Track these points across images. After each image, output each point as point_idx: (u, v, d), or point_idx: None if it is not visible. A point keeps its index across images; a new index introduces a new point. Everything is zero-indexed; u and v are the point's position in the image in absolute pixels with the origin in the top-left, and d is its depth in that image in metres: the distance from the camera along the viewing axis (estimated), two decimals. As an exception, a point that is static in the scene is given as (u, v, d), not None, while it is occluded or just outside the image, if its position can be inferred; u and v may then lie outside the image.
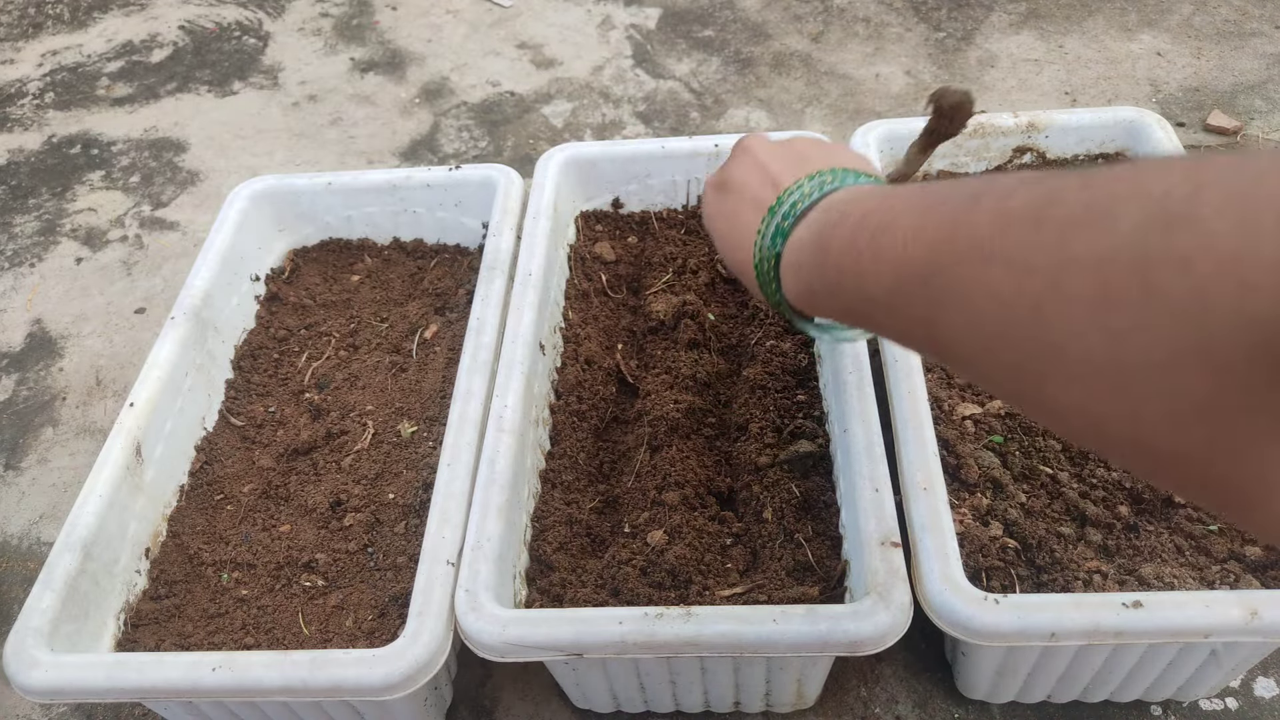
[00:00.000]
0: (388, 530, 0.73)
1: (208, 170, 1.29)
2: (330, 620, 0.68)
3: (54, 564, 0.65)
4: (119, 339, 1.07)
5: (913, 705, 0.71)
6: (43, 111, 1.41)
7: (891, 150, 0.88)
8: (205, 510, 0.77)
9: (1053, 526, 0.66)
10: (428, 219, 0.94)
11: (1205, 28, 1.32)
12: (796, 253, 0.45)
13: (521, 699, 0.74)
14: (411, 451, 0.78)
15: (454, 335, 0.86)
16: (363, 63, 1.45)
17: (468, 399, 0.71)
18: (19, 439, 0.98)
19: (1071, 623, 0.55)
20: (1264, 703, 0.70)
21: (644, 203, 0.94)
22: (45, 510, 0.92)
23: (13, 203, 1.26)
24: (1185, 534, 0.65)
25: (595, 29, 1.46)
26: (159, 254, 1.17)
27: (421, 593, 0.60)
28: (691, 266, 0.89)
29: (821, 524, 0.67)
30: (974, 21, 1.38)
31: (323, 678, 0.58)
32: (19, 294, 1.14)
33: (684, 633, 0.56)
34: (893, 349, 0.70)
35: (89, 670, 0.60)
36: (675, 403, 0.75)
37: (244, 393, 0.85)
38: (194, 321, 0.81)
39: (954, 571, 0.57)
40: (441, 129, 1.31)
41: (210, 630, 0.68)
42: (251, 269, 0.91)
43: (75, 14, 1.60)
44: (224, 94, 1.42)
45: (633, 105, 1.31)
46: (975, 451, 0.69)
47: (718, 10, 1.46)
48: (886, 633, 0.55)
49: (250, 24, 1.55)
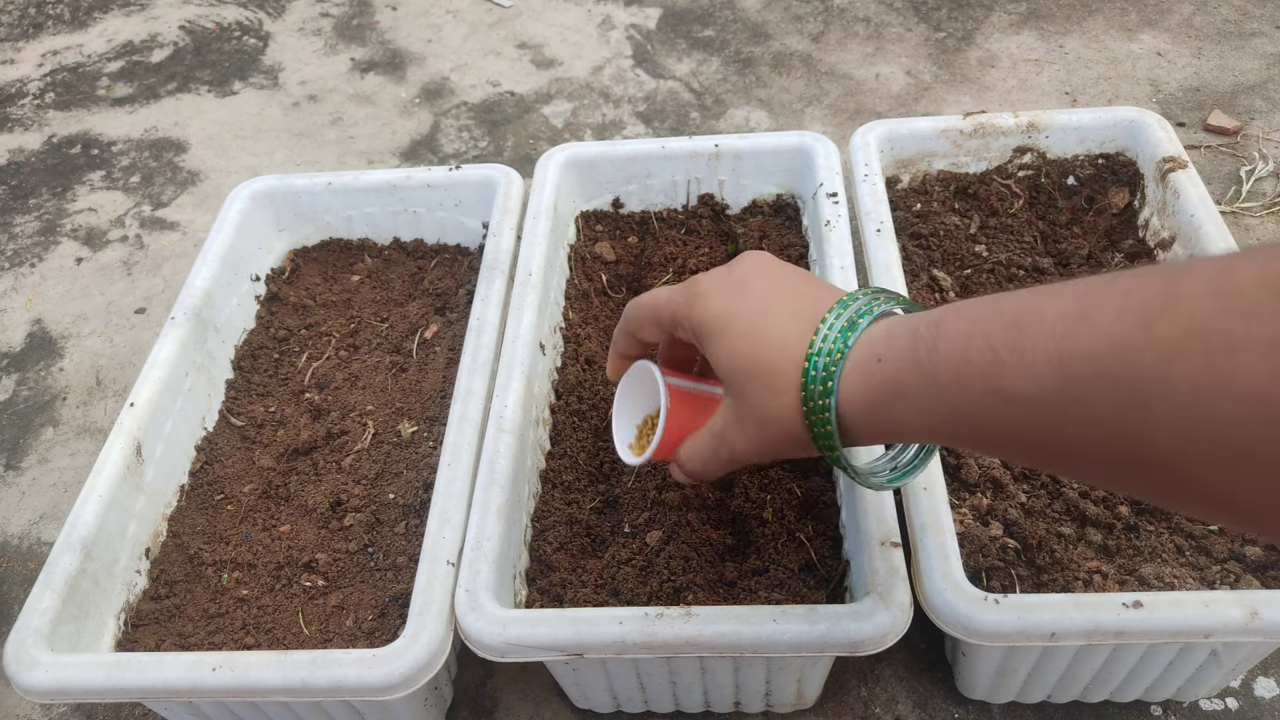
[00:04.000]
0: (388, 530, 0.73)
1: (208, 170, 1.29)
2: (330, 620, 0.68)
3: (54, 564, 0.65)
4: (119, 339, 1.07)
5: (913, 705, 0.71)
6: (43, 111, 1.42)
7: (892, 150, 0.88)
8: (205, 510, 0.77)
9: (1053, 526, 0.66)
10: (428, 219, 0.94)
11: (1206, 28, 1.32)
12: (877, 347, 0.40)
13: (522, 699, 0.74)
14: (412, 451, 0.78)
15: (454, 335, 0.86)
16: (363, 63, 1.45)
17: (468, 399, 0.71)
18: (19, 439, 0.98)
19: (1071, 623, 0.55)
20: (1264, 703, 0.70)
21: (644, 203, 0.94)
22: (45, 510, 0.92)
23: (13, 203, 1.26)
24: (1185, 534, 0.65)
25: (595, 29, 1.46)
26: (159, 254, 1.17)
27: (422, 593, 0.60)
28: (691, 267, 0.89)
29: (822, 524, 0.67)
30: (974, 21, 1.38)
31: (323, 678, 0.58)
32: (19, 294, 1.14)
33: (684, 633, 0.56)
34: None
35: (89, 670, 0.60)
36: (675, 403, 0.75)
37: (244, 393, 0.85)
38: (194, 321, 0.81)
39: (954, 571, 0.57)
40: (442, 129, 1.31)
41: (210, 630, 0.68)
42: (252, 269, 0.91)
43: (75, 14, 1.60)
44: (224, 94, 1.42)
45: (633, 105, 1.31)
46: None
47: (718, 10, 1.46)
48: (886, 633, 0.55)
49: (250, 24, 1.55)
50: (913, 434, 0.41)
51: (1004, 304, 0.35)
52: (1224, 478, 0.27)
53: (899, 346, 0.39)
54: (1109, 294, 0.30)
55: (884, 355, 0.40)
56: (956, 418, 0.36)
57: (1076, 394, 0.31)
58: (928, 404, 0.38)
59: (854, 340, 0.42)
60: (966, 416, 0.36)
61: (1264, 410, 0.25)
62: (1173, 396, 0.27)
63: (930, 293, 0.80)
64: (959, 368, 0.35)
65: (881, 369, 0.40)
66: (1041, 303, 0.33)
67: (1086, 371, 0.30)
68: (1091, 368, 0.30)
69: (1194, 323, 0.27)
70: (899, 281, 0.74)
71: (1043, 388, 0.32)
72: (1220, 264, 0.28)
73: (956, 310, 0.37)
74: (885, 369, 0.40)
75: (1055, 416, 0.32)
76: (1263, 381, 0.25)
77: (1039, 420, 0.33)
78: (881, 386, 0.40)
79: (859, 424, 0.42)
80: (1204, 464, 0.28)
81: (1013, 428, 0.34)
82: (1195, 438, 0.27)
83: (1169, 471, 0.29)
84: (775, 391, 0.44)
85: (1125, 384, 0.29)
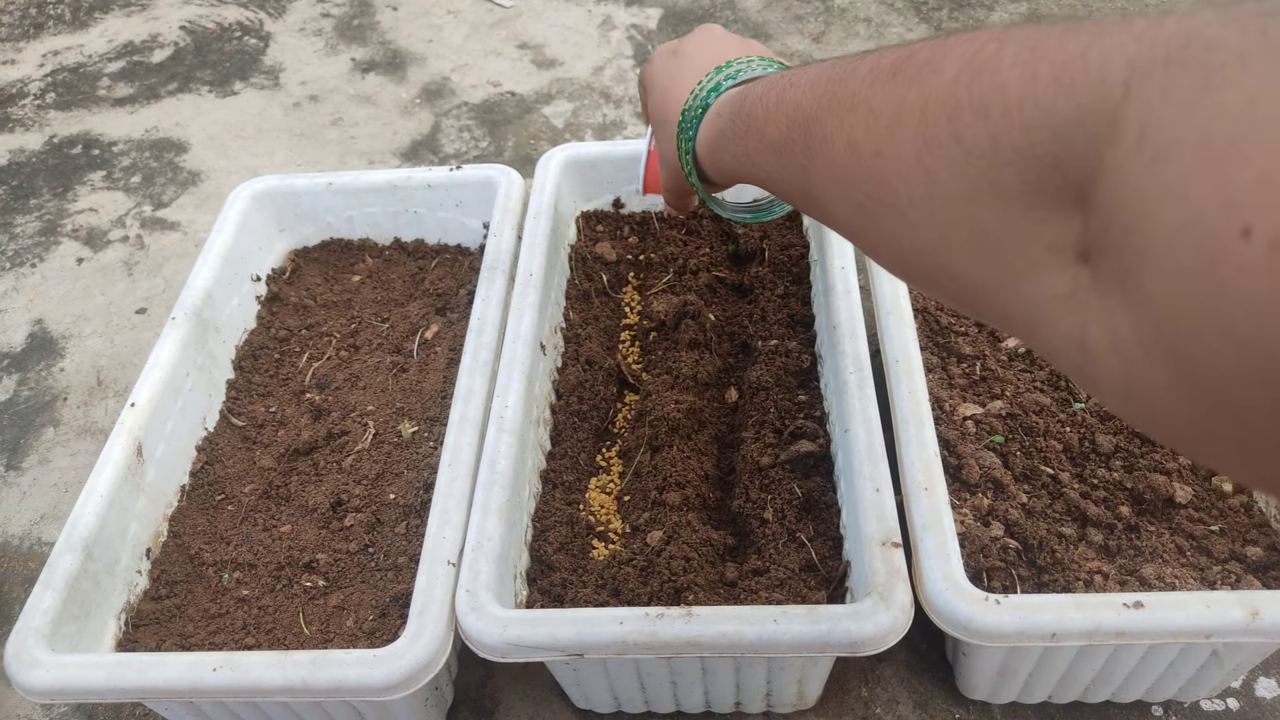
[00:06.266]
0: (388, 530, 0.73)
1: (209, 170, 1.29)
2: (331, 620, 0.68)
3: (55, 564, 0.65)
4: (120, 339, 1.07)
5: (913, 706, 0.71)
6: (44, 112, 1.42)
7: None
8: (206, 510, 0.77)
9: (1054, 527, 0.66)
10: (429, 219, 0.94)
11: (1206, 28, 1.32)
12: (721, 104, 0.49)
13: (522, 699, 0.74)
14: (412, 452, 0.78)
15: (455, 335, 0.86)
16: (363, 63, 1.45)
17: (468, 399, 0.71)
18: (20, 439, 0.98)
19: (1072, 623, 0.55)
20: (1265, 703, 0.70)
21: (644, 203, 0.94)
22: (46, 510, 0.92)
23: (14, 203, 1.26)
24: (1186, 534, 0.65)
25: (596, 29, 1.46)
26: (160, 254, 1.17)
27: (422, 593, 0.60)
28: (692, 267, 0.89)
29: (822, 524, 0.67)
30: (975, 22, 1.38)
31: (323, 678, 0.58)
32: (20, 294, 1.14)
33: (685, 633, 0.56)
34: (893, 349, 0.70)
35: (90, 670, 0.60)
36: (676, 403, 0.75)
37: (245, 393, 0.85)
38: (195, 322, 0.81)
39: (955, 572, 0.57)
40: (442, 129, 1.31)
41: (211, 630, 0.68)
42: (252, 269, 0.91)
43: (76, 14, 1.60)
44: (225, 94, 1.42)
45: (633, 105, 1.31)
46: (976, 452, 0.68)
47: (718, 10, 1.46)
48: (887, 633, 0.55)
49: (251, 24, 1.55)
50: (734, 172, 0.49)
51: (793, 72, 0.41)
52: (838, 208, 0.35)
53: (731, 102, 0.47)
54: (837, 66, 0.36)
55: (721, 111, 0.48)
56: (747, 160, 0.44)
57: (791, 140, 0.38)
58: (734, 149, 0.46)
59: (714, 99, 0.50)
60: (751, 158, 0.44)
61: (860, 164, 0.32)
62: (825, 142, 0.34)
63: (931, 293, 0.80)
64: (749, 121, 0.43)
65: (717, 121, 0.48)
66: (806, 72, 0.39)
67: (798, 123, 0.37)
68: (800, 121, 0.37)
69: (850, 88, 0.33)
70: (899, 281, 0.74)
71: (780, 135, 0.39)
72: (892, 48, 0.33)
73: (781, 75, 0.43)
74: (719, 122, 0.48)
75: (783, 156, 0.39)
76: (858, 134, 0.32)
77: (775, 159, 0.40)
78: (715, 135, 0.49)
79: (708, 166, 0.51)
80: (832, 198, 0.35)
81: (764, 165, 0.42)
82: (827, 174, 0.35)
83: (818, 202, 0.37)
84: (668, 138, 0.54)
85: (810, 132, 0.36)
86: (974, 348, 0.76)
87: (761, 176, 0.44)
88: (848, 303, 0.72)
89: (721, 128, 0.48)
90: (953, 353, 0.76)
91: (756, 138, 0.42)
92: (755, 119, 0.42)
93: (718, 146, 0.48)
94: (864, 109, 0.32)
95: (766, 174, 0.43)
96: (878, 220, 0.32)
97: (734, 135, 0.45)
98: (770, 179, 0.43)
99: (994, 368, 0.74)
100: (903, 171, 0.29)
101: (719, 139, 0.48)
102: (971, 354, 0.76)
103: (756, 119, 0.42)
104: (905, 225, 0.30)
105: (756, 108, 0.42)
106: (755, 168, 0.44)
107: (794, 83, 0.39)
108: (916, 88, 0.29)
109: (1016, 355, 0.76)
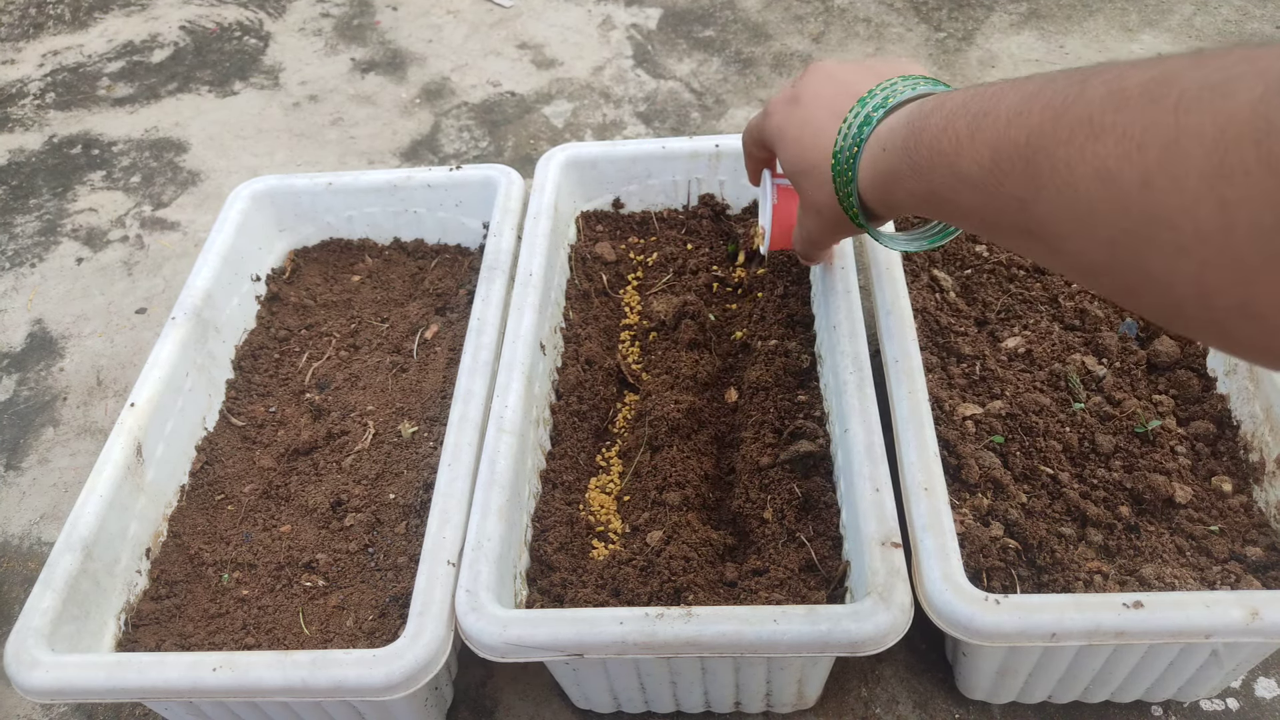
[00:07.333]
0: (388, 530, 0.73)
1: (208, 170, 1.29)
2: (331, 620, 0.68)
3: (55, 564, 0.65)
4: (120, 339, 1.07)
5: (913, 706, 0.71)
6: (43, 112, 1.42)
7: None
8: (206, 510, 0.77)
9: (1053, 527, 0.66)
10: (428, 219, 0.94)
11: (1206, 28, 1.32)
12: (883, 139, 0.47)
13: (522, 699, 0.74)
14: (412, 452, 0.78)
15: (455, 335, 0.86)
16: (363, 63, 1.45)
17: (468, 399, 0.71)
18: (20, 439, 0.98)
19: (1072, 623, 0.55)
20: (1265, 703, 0.70)
21: (644, 203, 0.94)
22: (46, 510, 0.92)
23: (13, 203, 1.26)
24: (1186, 534, 0.65)
25: (596, 29, 1.46)
26: (160, 254, 1.17)
27: (422, 593, 0.60)
28: (692, 267, 0.89)
29: (822, 524, 0.67)
30: (975, 21, 1.38)
31: (323, 678, 0.58)
32: (20, 294, 1.14)
33: (684, 633, 0.56)
34: (893, 349, 0.70)
35: (90, 670, 0.60)
36: (675, 403, 0.75)
37: (245, 393, 0.85)
38: (195, 321, 0.81)
39: (955, 572, 0.57)
40: (442, 129, 1.31)
41: (211, 630, 0.68)
42: (252, 269, 0.91)
43: (76, 14, 1.60)
44: (225, 94, 1.42)
45: (633, 105, 1.31)
46: (976, 452, 0.68)
47: (718, 10, 1.46)
48: (887, 633, 0.55)
49: (251, 24, 1.55)
50: (912, 209, 0.47)
51: (975, 99, 0.39)
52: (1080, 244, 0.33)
53: (898, 137, 0.45)
54: (1046, 91, 0.35)
55: (887, 145, 0.46)
56: (933, 196, 0.42)
57: (1003, 173, 0.36)
58: (914, 185, 0.44)
59: (868, 134, 0.48)
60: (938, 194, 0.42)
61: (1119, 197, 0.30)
62: (1057, 174, 0.33)
63: (930, 292, 0.80)
64: (933, 155, 0.41)
65: (885, 158, 0.46)
66: (1000, 99, 0.37)
67: (1010, 155, 0.36)
68: (1014, 152, 0.35)
69: (1086, 112, 0.31)
70: (899, 281, 0.74)
71: (982, 169, 0.37)
72: (1120, 68, 0.32)
73: (942, 103, 0.42)
74: (888, 158, 0.46)
75: (990, 191, 0.38)
76: (1111, 164, 0.30)
77: (978, 195, 0.38)
78: (885, 172, 0.47)
79: (876, 204, 0.50)
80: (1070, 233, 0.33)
81: (963, 202, 0.40)
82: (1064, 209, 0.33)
83: (1048, 238, 0.35)
84: (817, 185, 0.53)
85: (1032, 163, 0.34)
86: (974, 348, 0.76)
87: (954, 212, 0.42)
88: (847, 303, 0.72)
89: (892, 165, 0.45)
90: (952, 353, 0.76)
91: (945, 172, 0.40)
92: (942, 154, 0.40)
93: (889, 184, 0.46)
94: (1114, 136, 0.30)
95: (964, 210, 0.40)
96: (1143, 258, 0.29)
97: (911, 172, 0.43)
98: (969, 214, 0.40)
99: (994, 368, 0.74)
100: (1187, 204, 0.27)
101: (890, 177, 0.46)
102: (971, 354, 0.76)
103: (944, 153, 0.40)
104: (1187, 262, 0.27)
105: (941, 141, 0.40)
106: (945, 203, 0.42)
107: (987, 111, 0.37)
108: (1197, 114, 0.27)
109: (1016, 355, 0.76)
